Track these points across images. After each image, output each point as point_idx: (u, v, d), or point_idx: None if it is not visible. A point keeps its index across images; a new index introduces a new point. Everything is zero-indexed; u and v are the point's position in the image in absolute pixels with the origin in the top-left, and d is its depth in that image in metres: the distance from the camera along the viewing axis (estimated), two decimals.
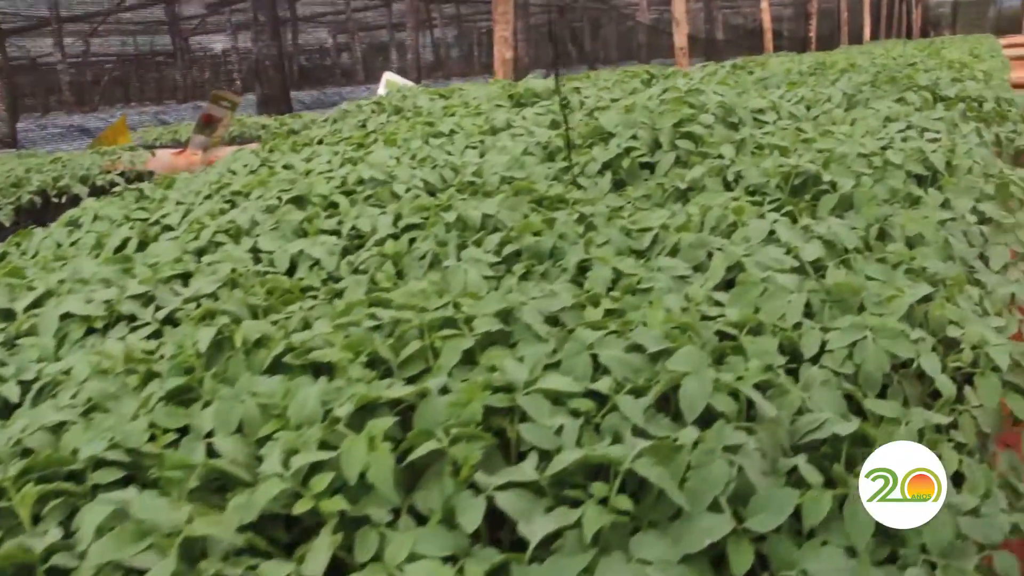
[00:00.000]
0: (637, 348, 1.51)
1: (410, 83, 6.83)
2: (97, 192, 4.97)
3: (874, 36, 24.30)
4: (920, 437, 1.43)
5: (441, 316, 1.65)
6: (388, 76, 7.32)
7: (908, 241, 2.24)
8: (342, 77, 29.52)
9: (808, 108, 3.65)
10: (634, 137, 3.00)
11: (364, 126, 4.55)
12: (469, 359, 1.58)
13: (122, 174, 5.33)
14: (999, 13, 37.36)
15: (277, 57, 11.43)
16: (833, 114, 3.42)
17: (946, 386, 1.59)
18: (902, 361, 1.64)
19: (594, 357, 1.50)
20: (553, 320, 1.74)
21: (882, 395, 1.60)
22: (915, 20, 33.32)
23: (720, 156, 2.84)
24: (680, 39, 15.20)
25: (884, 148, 2.81)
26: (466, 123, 3.74)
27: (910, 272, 2.00)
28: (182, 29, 25.24)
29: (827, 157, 2.65)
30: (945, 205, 2.46)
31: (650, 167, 2.94)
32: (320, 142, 4.06)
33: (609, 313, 1.75)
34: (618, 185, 2.90)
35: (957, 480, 1.38)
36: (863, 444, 1.38)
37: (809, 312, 1.80)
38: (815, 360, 1.63)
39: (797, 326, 1.72)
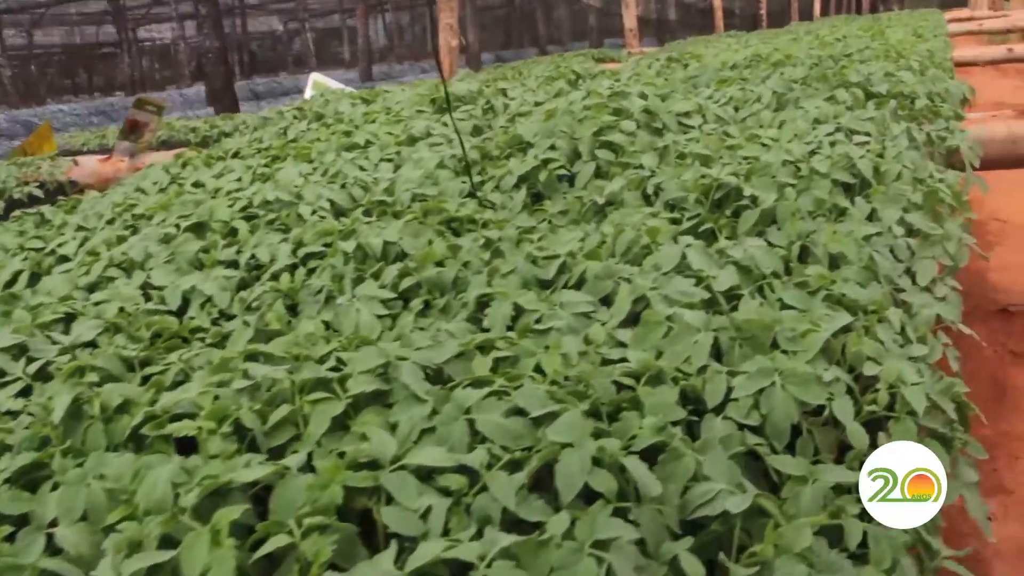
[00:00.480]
0: (519, 411, 1.39)
1: (338, 84, 6.63)
2: (15, 205, 4.77)
3: (824, 12, 24.28)
4: (826, 499, 1.33)
5: (313, 377, 1.52)
6: (315, 77, 7.12)
7: (831, 259, 2.13)
8: (295, 64, 29.31)
9: (736, 109, 3.52)
10: (553, 147, 2.86)
11: (285, 134, 4.38)
12: (342, 424, 1.45)
13: (42, 185, 5.11)
14: None
15: (220, 50, 11.17)
16: (761, 116, 3.30)
17: (858, 436, 1.49)
18: (813, 407, 1.53)
19: (472, 422, 1.38)
20: (439, 373, 1.61)
21: (791, 446, 1.49)
22: None
23: (641, 166, 2.71)
24: (630, 20, 15.12)
25: (811, 153, 2.70)
26: (383, 132, 3.58)
27: (829, 298, 1.90)
28: (128, 19, 24.79)
29: (750, 167, 2.54)
30: (872, 217, 2.36)
31: (570, 179, 2.81)
32: (236, 154, 3.88)
33: (501, 361, 1.63)
34: (536, 198, 2.77)
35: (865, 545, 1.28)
36: (761, 514, 1.28)
37: (718, 351, 1.69)
38: (719, 410, 1.52)
39: (702, 370, 1.61)
